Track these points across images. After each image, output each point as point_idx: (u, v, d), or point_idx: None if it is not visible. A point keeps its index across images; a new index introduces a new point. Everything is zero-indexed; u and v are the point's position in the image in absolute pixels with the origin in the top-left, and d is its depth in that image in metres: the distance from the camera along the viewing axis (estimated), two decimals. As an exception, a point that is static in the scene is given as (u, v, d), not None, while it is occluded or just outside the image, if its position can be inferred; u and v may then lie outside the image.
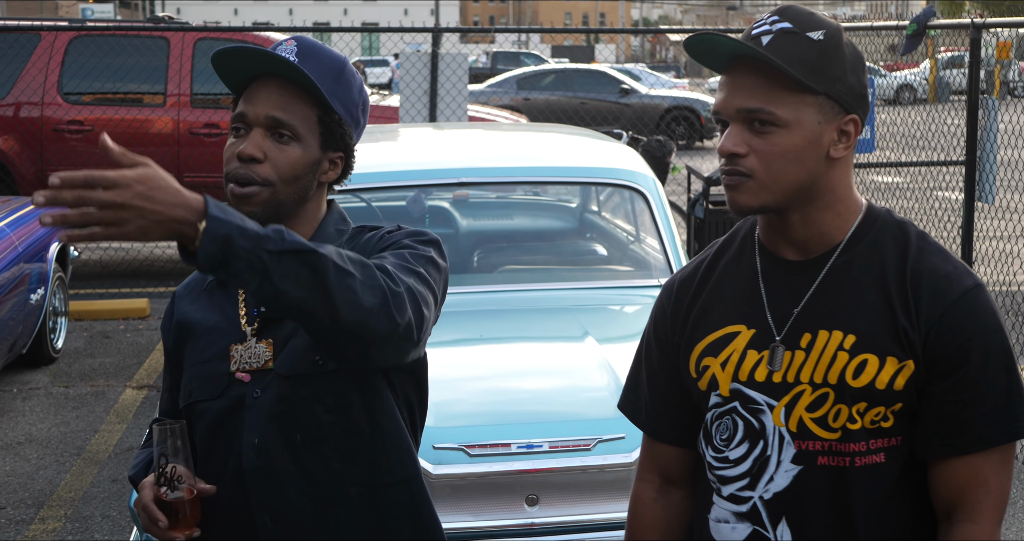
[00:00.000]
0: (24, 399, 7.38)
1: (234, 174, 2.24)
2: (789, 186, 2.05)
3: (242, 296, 2.34)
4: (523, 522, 3.75)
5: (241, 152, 2.24)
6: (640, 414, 2.30)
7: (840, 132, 2.07)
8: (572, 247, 5.79)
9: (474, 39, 74.06)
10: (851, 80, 2.07)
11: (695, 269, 2.25)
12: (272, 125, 2.25)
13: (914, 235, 2.11)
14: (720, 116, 2.08)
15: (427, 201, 5.64)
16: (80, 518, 5.60)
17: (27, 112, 10.46)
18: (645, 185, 5.17)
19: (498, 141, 6.59)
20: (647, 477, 2.31)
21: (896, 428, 2.07)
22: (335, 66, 2.30)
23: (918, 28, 7.41)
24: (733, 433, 2.14)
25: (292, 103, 2.26)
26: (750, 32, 2.07)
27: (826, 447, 2.07)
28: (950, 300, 2.04)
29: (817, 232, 2.10)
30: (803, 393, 2.07)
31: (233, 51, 2.26)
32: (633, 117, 20.99)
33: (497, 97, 21.67)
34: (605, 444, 3.76)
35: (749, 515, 2.12)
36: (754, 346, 2.12)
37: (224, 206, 1.91)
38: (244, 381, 2.28)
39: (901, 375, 2.03)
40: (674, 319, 2.24)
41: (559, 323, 4.71)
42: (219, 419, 2.29)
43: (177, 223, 1.87)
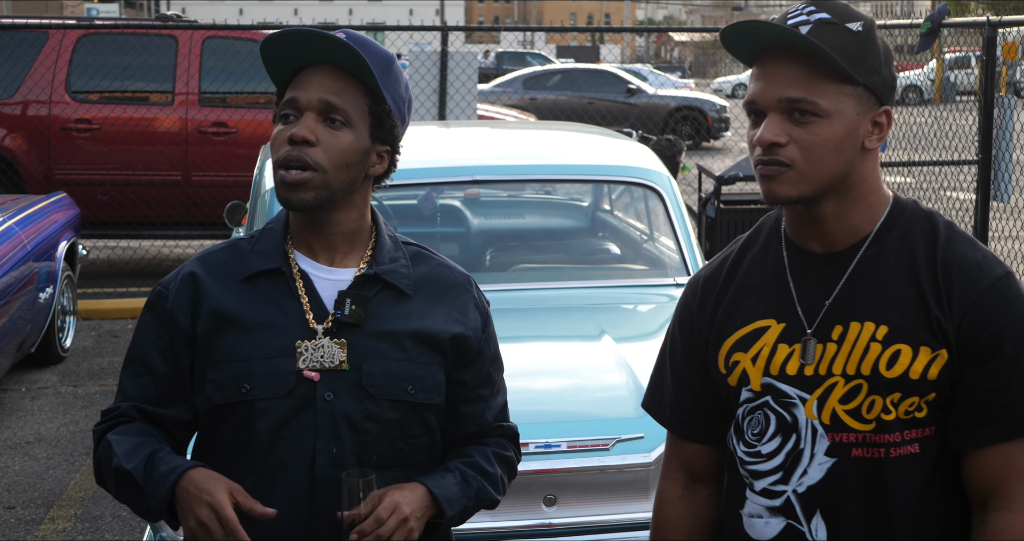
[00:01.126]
0: (33, 398, 7.35)
1: (285, 157, 2.21)
2: (827, 176, 2.04)
3: (302, 289, 2.28)
4: (541, 522, 3.72)
5: (294, 134, 2.21)
6: (665, 412, 2.30)
7: (874, 124, 2.07)
8: (585, 246, 5.75)
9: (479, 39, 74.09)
10: (885, 72, 2.07)
11: (720, 265, 2.24)
12: (325, 109, 2.23)
13: (942, 225, 2.11)
14: (756, 106, 2.06)
15: (439, 200, 5.61)
16: (90, 518, 5.57)
17: (35, 111, 10.43)
18: (660, 183, 5.13)
19: (509, 139, 6.55)
20: (672, 475, 2.31)
21: (930, 418, 2.07)
22: (385, 58, 2.29)
23: (933, 26, 7.36)
24: (765, 427, 2.13)
25: (345, 89, 2.24)
26: (784, 21, 2.04)
27: (860, 439, 2.07)
28: (982, 288, 2.04)
29: (848, 224, 2.10)
30: (836, 385, 2.07)
31: (289, 33, 2.23)
32: (640, 117, 20.96)
33: (504, 97, 21.64)
34: (624, 444, 3.72)
35: (783, 509, 2.12)
36: (784, 340, 2.11)
37: (451, 497, 2.28)
38: (314, 380, 2.24)
39: (935, 365, 2.03)
40: (700, 316, 2.23)
41: (575, 322, 4.67)
42: (285, 419, 2.24)
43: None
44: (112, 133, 10.39)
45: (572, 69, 24.89)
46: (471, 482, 2.32)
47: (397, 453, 2.29)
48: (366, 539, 2.14)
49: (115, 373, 7.87)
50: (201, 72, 10.62)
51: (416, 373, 2.28)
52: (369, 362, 2.25)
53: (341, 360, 2.24)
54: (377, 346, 2.26)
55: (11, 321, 6.83)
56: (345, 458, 2.24)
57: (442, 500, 2.24)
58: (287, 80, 2.27)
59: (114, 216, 10.42)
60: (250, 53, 10.60)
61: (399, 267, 2.33)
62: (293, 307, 2.27)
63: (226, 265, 2.32)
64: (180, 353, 2.30)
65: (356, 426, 2.24)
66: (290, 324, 2.26)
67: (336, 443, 2.23)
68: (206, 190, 10.29)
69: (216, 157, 10.43)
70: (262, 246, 2.32)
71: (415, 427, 2.30)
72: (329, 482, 2.23)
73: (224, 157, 10.39)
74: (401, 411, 2.27)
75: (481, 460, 2.37)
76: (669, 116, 22.36)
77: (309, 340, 2.25)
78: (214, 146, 10.53)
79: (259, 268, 2.29)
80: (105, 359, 8.22)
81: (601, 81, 23.32)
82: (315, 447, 2.23)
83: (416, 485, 2.24)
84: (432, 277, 2.36)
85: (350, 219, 2.31)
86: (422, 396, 2.28)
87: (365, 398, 2.24)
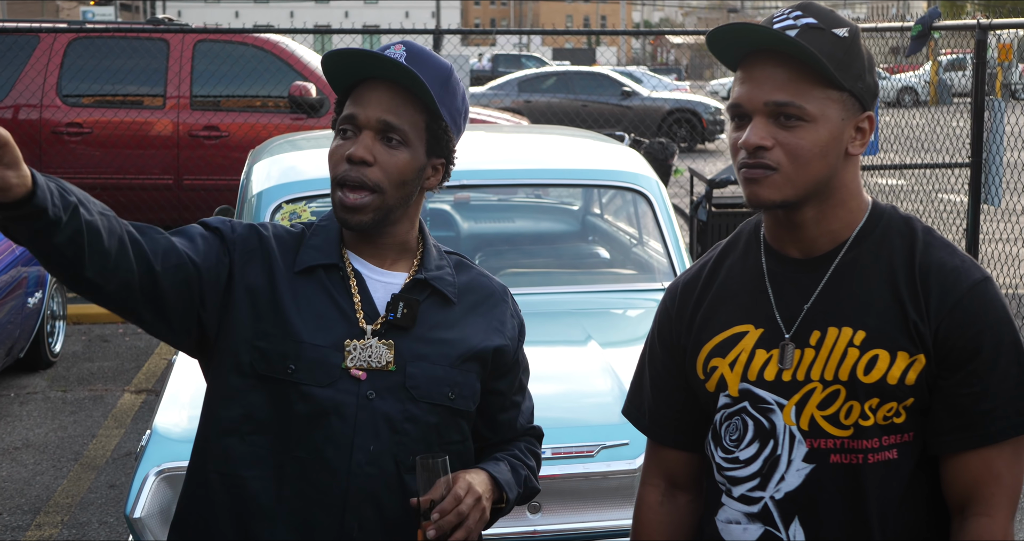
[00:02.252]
0: (22, 404, 7.32)
1: (343, 177, 2.26)
2: (811, 181, 2.04)
3: (356, 288, 2.31)
4: (526, 530, 3.70)
5: (352, 154, 2.24)
6: (644, 419, 2.30)
7: (857, 129, 2.08)
8: (574, 250, 5.73)
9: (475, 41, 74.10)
10: (869, 79, 2.08)
11: (699, 271, 2.25)
12: (383, 129, 2.26)
13: (920, 230, 2.12)
14: (741, 109, 2.06)
15: (428, 204, 5.59)
16: (77, 524, 5.54)
17: (26, 114, 10.41)
18: (648, 187, 5.11)
19: (500, 143, 6.53)
20: (652, 481, 2.31)
21: (908, 424, 2.06)
22: (443, 72, 2.31)
23: (923, 29, 7.35)
24: (743, 433, 2.13)
25: (402, 107, 2.26)
26: (770, 25, 2.05)
27: (838, 445, 2.06)
28: (959, 293, 2.04)
29: (827, 229, 2.10)
30: (814, 391, 2.07)
31: (345, 53, 2.25)
32: (635, 119, 20.96)
33: (498, 99, 21.63)
34: (608, 451, 3.70)
35: (760, 515, 2.12)
36: (762, 345, 2.11)
37: (509, 481, 2.36)
38: (360, 379, 2.27)
39: (912, 370, 2.04)
40: (679, 321, 2.23)
41: (562, 327, 4.65)
42: (324, 409, 2.25)
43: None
44: (103, 137, 10.38)
45: (567, 72, 24.89)
46: (519, 470, 2.42)
47: None
48: (447, 518, 2.18)
49: (104, 378, 7.84)
50: (193, 76, 10.61)
51: (456, 380, 2.33)
52: (414, 365, 2.29)
53: (388, 361, 2.28)
54: (423, 350, 2.31)
55: (0, 326, 6.81)
56: (382, 456, 2.26)
57: (504, 484, 2.32)
58: (348, 88, 2.30)
59: (105, 220, 10.38)
60: (241, 56, 10.59)
61: (445, 275, 2.38)
62: (346, 303, 2.30)
63: (288, 245, 2.33)
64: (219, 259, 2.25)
65: (396, 426, 2.27)
66: (341, 319, 2.29)
67: (375, 441, 2.26)
68: (198, 194, 10.27)
69: (208, 161, 10.41)
70: (317, 241, 2.35)
71: (452, 433, 2.35)
72: (364, 478, 2.25)
73: (216, 161, 10.37)
74: (440, 415, 2.31)
75: (520, 454, 2.47)
76: (664, 119, 22.35)
77: (358, 339, 2.28)
78: (206, 150, 10.52)
79: (316, 262, 2.31)
80: (95, 364, 8.20)
81: (596, 84, 23.31)
82: (353, 442, 2.25)
83: (479, 469, 2.32)
84: (473, 286, 2.42)
85: (403, 231, 2.35)
86: (460, 402, 2.34)
87: (407, 400, 2.28)
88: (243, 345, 2.27)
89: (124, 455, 6.41)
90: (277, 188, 4.77)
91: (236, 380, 2.28)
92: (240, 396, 2.28)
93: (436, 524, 2.17)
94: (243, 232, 2.32)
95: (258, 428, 2.27)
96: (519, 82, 23.47)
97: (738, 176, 2.08)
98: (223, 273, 2.27)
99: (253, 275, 2.28)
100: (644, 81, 27.79)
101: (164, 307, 2.20)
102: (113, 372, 8.00)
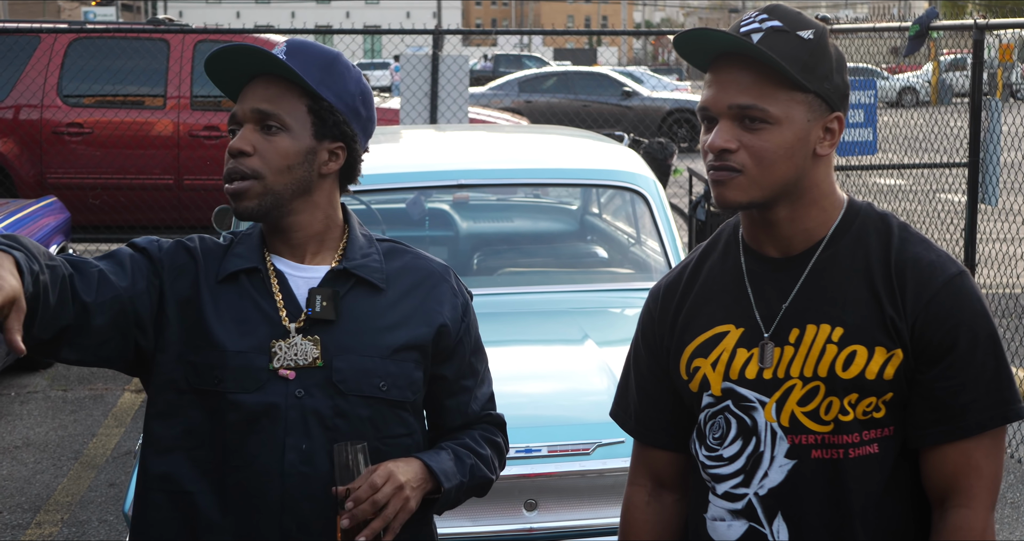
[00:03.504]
0: (22, 403, 7.35)
1: (227, 172, 2.27)
2: (778, 182, 2.07)
3: (277, 287, 2.29)
4: (522, 527, 3.72)
5: (231, 147, 2.26)
6: (630, 420, 2.33)
7: (825, 130, 2.10)
8: (572, 249, 5.75)
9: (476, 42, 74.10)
10: (837, 79, 2.10)
11: (680, 273, 2.28)
12: (259, 118, 2.27)
13: (896, 226, 2.14)
14: (708, 112, 2.09)
15: (427, 203, 5.61)
16: (77, 523, 5.56)
17: (26, 114, 10.43)
18: (646, 187, 5.13)
19: (498, 143, 6.55)
20: (639, 481, 2.33)
21: (888, 418, 2.09)
22: (325, 57, 2.31)
23: (921, 29, 7.37)
24: (726, 432, 2.16)
25: (279, 96, 2.27)
26: (737, 29, 2.08)
27: (819, 440, 2.09)
28: (935, 288, 2.06)
29: (802, 228, 2.12)
30: (794, 388, 2.10)
31: (218, 53, 2.28)
32: (635, 120, 20.97)
33: (499, 100, 21.65)
34: (604, 448, 3.72)
35: (744, 512, 2.15)
36: (743, 344, 2.14)
37: (447, 471, 2.30)
38: (289, 378, 2.25)
39: (890, 364, 2.06)
40: (662, 323, 2.26)
41: (559, 326, 4.67)
42: (255, 414, 2.24)
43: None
44: (104, 137, 10.40)
45: (568, 72, 24.90)
46: (464, 459, 2.35)
47: (373, 452, 2.27)
48: (360, 506, 2.15)
49: (104, 377, 7.86)
50: (193, 76, 10.62)
51: (389, 370, 2.29)
52: (340, 358, 2.26)
53: (315, 357, 2.26)
54: (350, 342, 2.28)
55: (0, 325, 6.83)
56: (315, 454, 2.24)
57: (438, 472, 2.27)
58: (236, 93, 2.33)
59: (106, 220, 10.43)
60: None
61: (371, 262, 2.34)
62: (268, 304, 2.28)
63: (213, 256, 2.33)
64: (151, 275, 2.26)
65: (326, 422, 2.25)
66: (265, 321, 2.27)
67: (306, 439, 2.24)
68: (198, 194, 10.29)
69: (208, 161, 10.43)
70: (240, 249, 2.34)
71: (393, 426, 2.30)
72: (298, 478, 2.23)
73: (216, 161, 10.37)
74: (373, 408, 2.27)
75: (471, 441, 2.40)
76: (664, 119, 22.37)
77: (283, 338, 2.26)
78: (206, 150, 10.53)
79: (236, 267, 2.30)
80: (95, 363, 8.21)
81: (596, 84, 23.33)
82: (285, 443, 2.23)
83: (411, 458, 2.26)
84: (408, 269, 2.37)
85: (315, 220, 2.32)
86: (395, 393, 2.29)
87: (336, 394, 2.25)
88: (176, 361, 2.27)
89: (124, 454, 6.43)
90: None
91: (173, 396, 2.28)
92: (179, 412, 2.28)
93: (350, 513, 2.15)
94: (170, 249, 2.33)
95: (200, 443, 2.26)
96: (520, 82, 23.49)
97: (708, 177, 2.12)
98: (154, 294, 2.26)
99: (181, 289, 2.28)
100: (645, 81, 27.81)
101: (99, 340, 2.19)
102: (113, 371, 7.99)
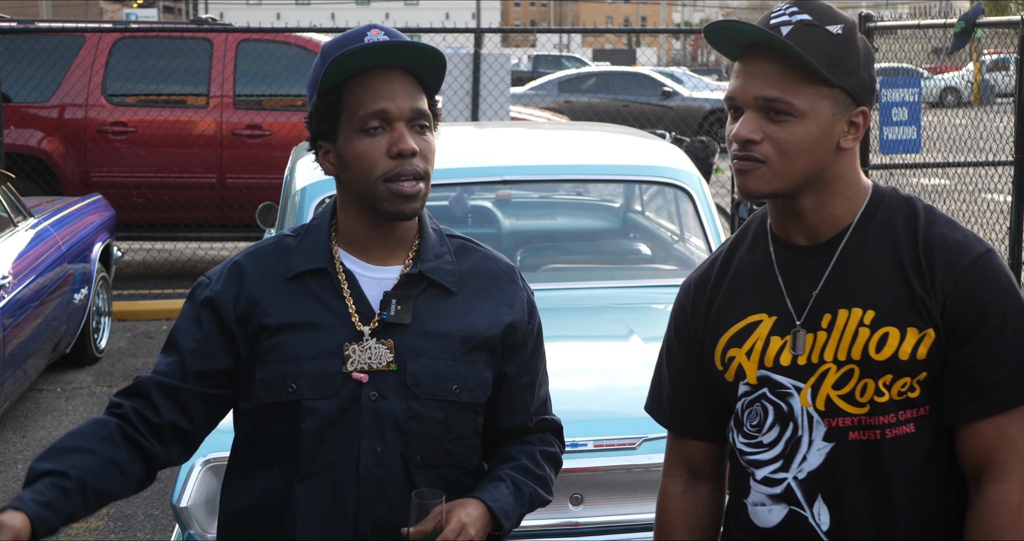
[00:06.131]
0: (68, 399, 7.41)
1: (399, 172, 2.24)
2: (800, 174, 2.10)
3: (347, 289, 2.28)
4: (567, 521, 3.71)
5: (404, 149, 2.23)
6: (665, 413, 2.37)
7: (850, 123, 2.13)
8: (616, 247, 5.74)
9: (515, 43, 74.08)
10: (864, 74, 2.13)
11: (710, 265, 2.31)
12: (415, 117, 2.26)
13: (922, 208, 2.17)
14: (735, 102, 2.12)
15: (470, 201, 5.61)
16: (122, 517, 5.60)
17: (71, 114, 10.51)
18: (690, 183, 5.11)
19: (541, 139, 6.55)
20: (674, 472, 2.37)
21: (923, 398, 2.12)
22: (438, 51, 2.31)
23: (966, 25, 7.31)
24: (764, 418, 2.20)
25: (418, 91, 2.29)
26: (767, 21, 2.10)
27: (856, 422, 2.13)
28: (963, 266, 2.10)
29: (828, 216, 2.16)
30: (828, 372, 2.13)
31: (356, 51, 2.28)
32: (675, 120, 20.90)
33: (538, 100, 21.64)
34: (650, 443, 3.71)
35: (784, 496, 2.18)
36: (777, 332, 2.18)
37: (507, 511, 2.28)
38: (363, 382, 2.25)
39: (923, 344, 2.10)
40: (695, 316, 2.29)
41: (604, 322, 4.66)
42: (331, 419, 2.25)
43: None
44: (147, 136, 10.46)
45: (607, 72, 24.86)
46: (523, 489, 2.34)
47: (443, 453, 2.29)
48: None
49: (149, 374, 7.90)
50: (236, 75, 10.67)
51: (460, 372, 2.29)
52: (414, 362, 2.26)
53: (388, 361, 2.25)
54: (423, 345, 2.28)
55: (46, 322, 6.89)
56: (389, 457, 2.25)
57: (500, 515, 2.26)
58: (334, 86, 2.30)
59: (149, 218, 10.50)
60: (284, 56, 10.64)
61: (444, 263, 2.34)
62: (339, 307, 2.27)
63: (272, 262, 2.32)
64: (228, 343, 2.29)
65: (400, 425, 2.25)
66: (336, 324, 2.26)
67: (380, 442, 2.24)
68: (240, 192, 10.34)
69: (250, 159, 10.48)
70: (307, 244, 2.32)
71: (463, 428, 2.32)
72: (373, 481, 2.24)
73: (258, 159, 10.43)
74: (445, 411, 2.28)
75: (529, 463, 2.38)
76: (704, 119, 22.30)
77: (356, 342, 2.25)
78: (248, 148, 10.58)
79: (304, 267, 2.29)
80: (140, 360, 8.27)
81: (636, 84, 23.28)
82: (360, 446, 2.24)
83: (475, 502, 2.25)
84: (477, 271, 2.37)
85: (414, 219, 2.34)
86: (467, 395, 2.30)
87: (410, 398, 2.26)
88: (254, 383, 2.28)
89: (168, 449, 6.46)
90: (320, 184, 4.80)
91: (254, 417, 2.30)
92: (258, 431, 2.30)
93: None
94: (223, 282, 2.31)
95: (273, 456, 2.28)
96: (559, 82, 23.47)
97: (731, 167, 2.15)
98: (237, 342, 2.28)
99: (247, 315, 2.27)
100: (685, 81, 27.73)
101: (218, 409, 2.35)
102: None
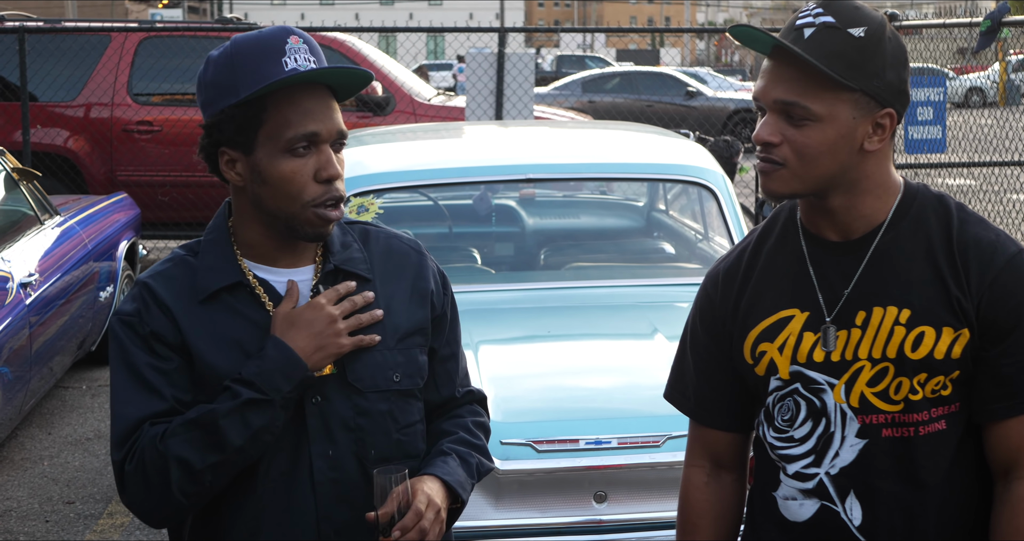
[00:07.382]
0: (93, 396, 7.44)
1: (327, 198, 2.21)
2: (820, 176, 2.11)
3: (266, 298, 2.22)
4: (591, 519, 3.72)
5: (333, 174, 2.20)
6: (689, 401, 2.36)
7: (875, 126, 2.12)
8: (640, 245, 5.74)
9: (538, 43, 74.06)
10: (890, 76, 2.11)
11: (739, 257, 2.30)
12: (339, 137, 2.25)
13: (954, 207, 2.18)
14: (758, 102, 2.14)
15: (494, 200, 5.62)
16: (147, 513, 5.62)
17: (97, 113, 10.55)
18: (715, 182, 5.11)
19: (565, 138, 6.55)
20: (697, 462, 2.37)
21: (954, 395, 2.14)
22: None
23: (992, 24, 7.29)
24: (796, 413, 2.20)
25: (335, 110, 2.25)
26: (794, 22, 2.11)
27: (889, 419, 2.14)
28: (998, 267, 2.11)
29: (859, 214, 2.16)
30: (862, 369, 2.14)
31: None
32: (699, 120, 20.86)
33: (562, 99, 21.62)
34: (674, 441, 3.71)
35: (816, 491, 2.19)
36: (810, 328, 2.18)
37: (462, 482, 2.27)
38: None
39: (958, 344, 2.11)
40: (723, 307, 2.28)
41: (628, 320, 4.66)
42: None
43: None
44: (173, 135, 10.50)
45: (631, 72, 24.83)
46: (468, 460, 2.33)
47: (396, 445, 2.26)
48: (409, 536, 2.13)
49: (174, 371, 7.93)
50: (260, 74, 10.69)
51: (398, 360, 2.26)
52: (351, 357, 2.22)
53: (327, 364, 2.21)
54: None
55: (72, 319, 6.92)
56: (342, 458, 2.21)
57: (456, 487, 2.25)
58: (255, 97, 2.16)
59: (174, 217, 10.53)
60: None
61: (354, 253, 2.29)
62: (263, 319, 2.21)
63: (180, 286, 2.22)
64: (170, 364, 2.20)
65: (349, 424, 2.21)
66: (264, 336, 2.20)
67: (331, 446, 2.21)
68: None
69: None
70: (210, 261, 2.24)
71: (408, 415, 2.28)
72: (329, 485, 2.21)
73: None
74: (390, 401, 2.25)
75: (466, 435, 2.36)
76: (728, 119, 22.26)
77: None
78: (273, 147, 10.59)
79: (217, 285, 2.21)
80: (164, 358, 8.29)
81: (660, 84, 23.25)
82: (311, 452, 2.20)
83: (432, 477, 2.23)
84: (386, 251, 2.33)
85: None
86: (407, 382, 2.27)
87: (353, 394, 2.22)
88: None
89: (193, 447, 6.49)
90: (345, 182, 4.82)
91: None
92: None
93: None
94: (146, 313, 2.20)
95: (241, 473, 2.21)
96: (583, 82, 23.45)
97: (755, 167, 2.17)
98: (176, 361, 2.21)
99: (182, 341, 2.20)
100: (709, 81, 27.68)
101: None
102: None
